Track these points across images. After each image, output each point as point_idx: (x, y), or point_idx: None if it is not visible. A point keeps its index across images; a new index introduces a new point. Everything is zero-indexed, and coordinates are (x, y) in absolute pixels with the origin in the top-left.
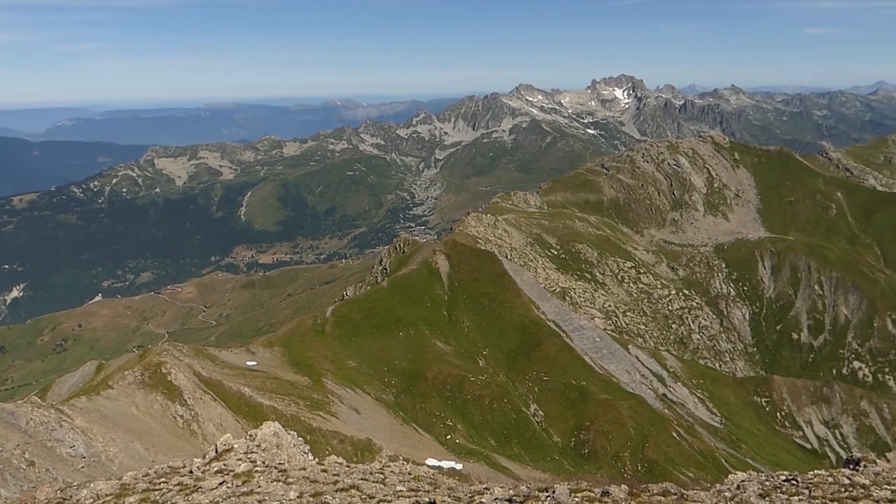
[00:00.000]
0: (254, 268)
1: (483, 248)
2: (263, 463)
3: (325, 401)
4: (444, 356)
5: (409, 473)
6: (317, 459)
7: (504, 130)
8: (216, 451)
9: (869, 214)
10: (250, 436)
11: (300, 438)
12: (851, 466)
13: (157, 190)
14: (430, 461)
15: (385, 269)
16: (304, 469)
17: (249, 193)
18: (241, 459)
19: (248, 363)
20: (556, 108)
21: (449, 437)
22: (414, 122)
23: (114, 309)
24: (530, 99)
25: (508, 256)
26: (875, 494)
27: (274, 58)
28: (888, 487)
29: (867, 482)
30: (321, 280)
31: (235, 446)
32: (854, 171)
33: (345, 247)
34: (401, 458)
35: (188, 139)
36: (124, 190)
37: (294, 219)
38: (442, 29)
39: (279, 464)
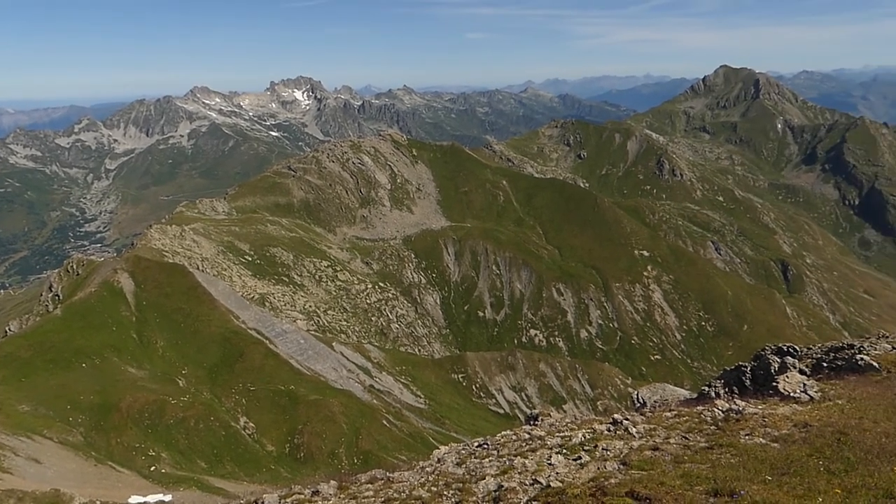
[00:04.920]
0: None
1: (171, 261)
2: None
3: None
4: (138, 382)
5: None
6: None
7: (182, 135)
8: None
9: (530, 199)
10: None
11: None
12: (531, 422)
13: None
14: (134, 499)
15: (57, 295)
16: None
17: None
18: None
19: None
20: (237, 110)
21: (153, 468)
22: (76, 130)
23: None
24: (208, 102)
25: (200, 267)
26: (549, 442)
27: None
28: (559, 435)
29: (543, 433)
30: None
31: None
32: (515, 161)
33: (2, 275)
34: (97, 502)
35: None
36: None
37: None
38: (101, 25)
39: None
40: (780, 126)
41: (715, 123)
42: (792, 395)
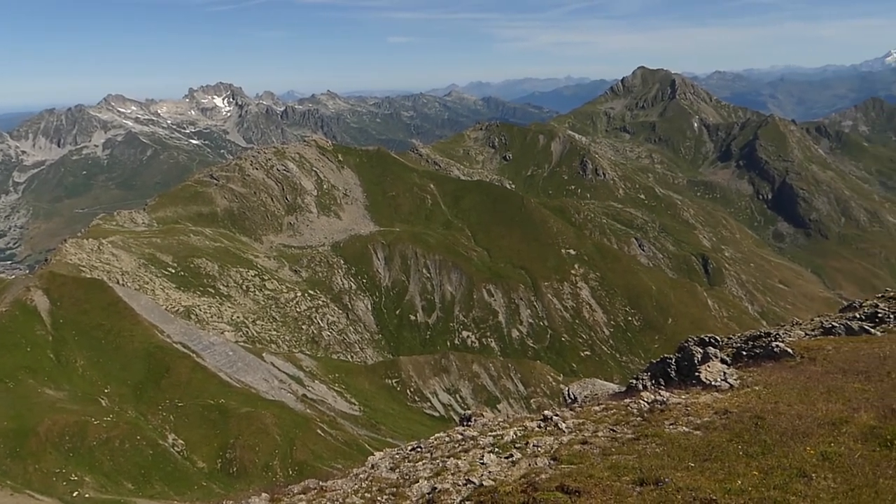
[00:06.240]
0: None
1: (89, 276)
2: None
3: None
4: (57, 404)
5: None
6: None
7: (97, 146)
8: None
9: (457, 201)
10: None
11: None
12: (465, 423)
13: None
14: None
15: None
16: None
17: None
18: None
19: None
20: (154, 118)
21: (76, 493)
22: None
23: None
24: (123, 110)
25: (120, 282)
26: (482, 442)
27: None
28: (491, 434)
29: (476, 434)
30: None
31: None
32: (441, 164)
33: None
34: None
35: None
36: None
37: None
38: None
39: None
40: (696, 125)
41: (634, 123)
42: (713, 383)
